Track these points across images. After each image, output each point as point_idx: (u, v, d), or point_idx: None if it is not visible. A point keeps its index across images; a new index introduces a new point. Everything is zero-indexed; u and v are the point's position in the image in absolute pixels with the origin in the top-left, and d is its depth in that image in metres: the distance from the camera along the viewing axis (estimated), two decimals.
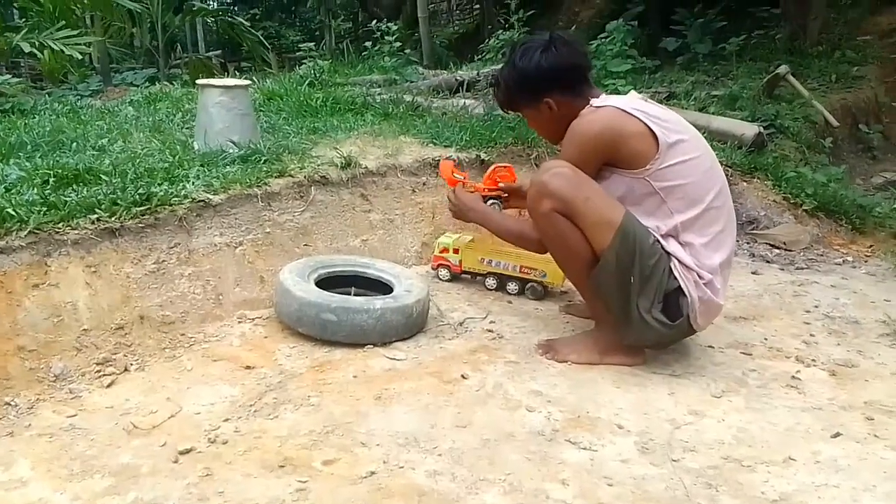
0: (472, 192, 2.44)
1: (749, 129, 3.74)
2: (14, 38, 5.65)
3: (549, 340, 2.16)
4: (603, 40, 4.96)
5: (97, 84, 6.74)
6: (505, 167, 2.56)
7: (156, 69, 8.16)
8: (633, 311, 1.92)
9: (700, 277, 1.94)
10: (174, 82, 5.59)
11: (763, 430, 1.76)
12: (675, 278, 1.92)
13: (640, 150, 1.91)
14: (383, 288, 2.33)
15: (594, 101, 2.01)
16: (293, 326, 2.13)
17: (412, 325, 2.18)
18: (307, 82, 4.47)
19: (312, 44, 6.43)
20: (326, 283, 2.27)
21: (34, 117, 3.59)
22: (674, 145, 1.92)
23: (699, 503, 1.47)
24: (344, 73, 5.10)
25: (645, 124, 1.92)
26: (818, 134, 4.30)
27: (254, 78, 4.76)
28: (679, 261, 1.92)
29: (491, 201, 2.43)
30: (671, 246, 1.93)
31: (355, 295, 2.27)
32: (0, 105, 4.04)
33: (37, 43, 5.59)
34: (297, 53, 6.72)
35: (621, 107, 1.95)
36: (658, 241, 1.92)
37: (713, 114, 4.03)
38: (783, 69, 4.46)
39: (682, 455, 1.64)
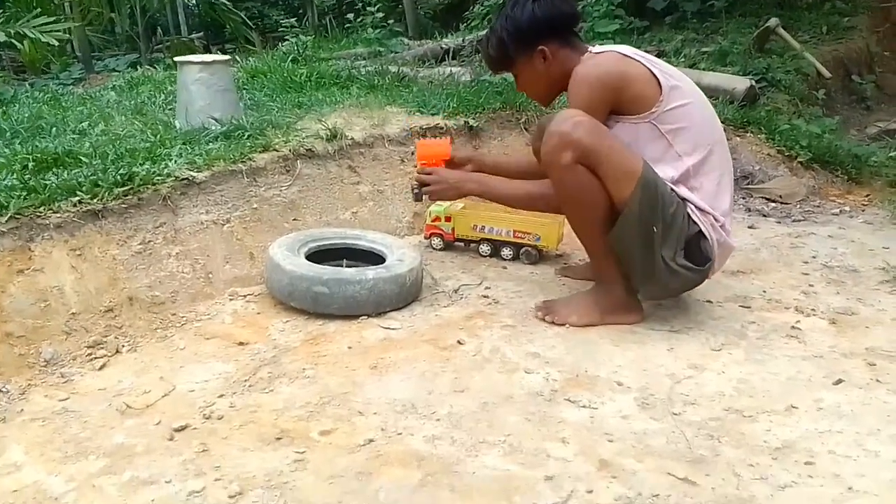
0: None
1: (740, 83, 3.68)
2: None
3: (547, 302, 2.12)
4: (590, 0, 4.86)
5: (79, 72, 6.63)
6: (433, 141, 2.41)
7: (138, 54, 8.03)
8: (658, 262, 1.89)
9: (716, 220, 1.95)
10: (157, 66, 5.50)
11: (764, 380, 1.74)
12: (695, 223, 1.92)
13: (645, 93, 1.91)
14: (375, 259, 2.30)
15: (592, 49, 2.02)
16: (285, 301, 2.10)
17: (406, 294, 2.15)
18: (291, 59, 4.41)
19: (295, 19, 6.31)
20: (317, 256, 2.23)
21: (14, 106, 3.52)
22: (674, 88, 1.93)
23: (701, 454, 1.45)
24: (328, 48, 5.02)
25: (647, 67, 1.92)
26: (811, 86, 4.25)
27: (237, 58, 4.67)
28: (695, 205, 1.92)
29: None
30: (683, 191, 1.92)
31: (347, 267, 2.23)
32: None
33: (13, 32, 5.49)
34: (280, 31, 6.60)
35: (621, 52, 1.96)
36: (673, 188, 1.90)
37: (703, 70, 3.97)
38: (773, 22, 4.39)
39: (682, 409, 1.62)
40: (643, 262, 1.92)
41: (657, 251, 1.88)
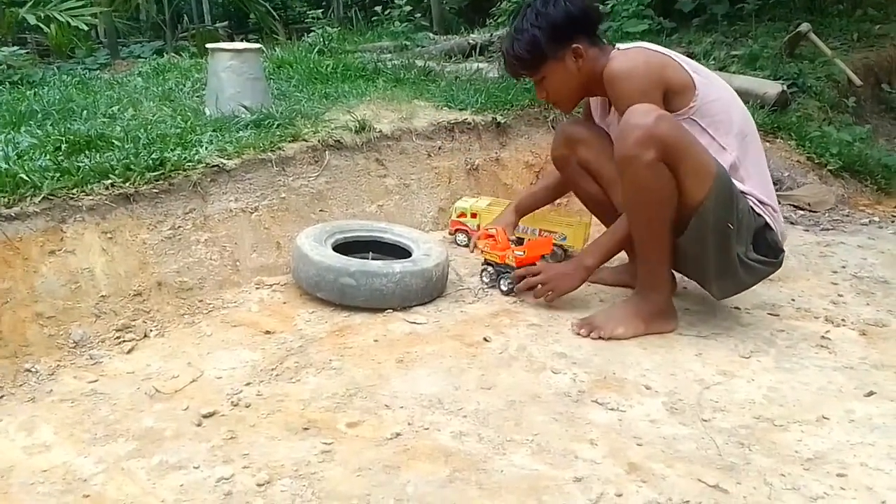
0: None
1: (772, 88, 3.64)
2: (20, 12, 5.59)
3: (585, 319, 2.01)
4: (619, 0, 4.83)
5: (104, 57, 6.69)
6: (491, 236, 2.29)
7: (163, 42, 8.10)
8: (734, 259, 1.87)
9: (774, 210, 1.95)
10: (182, 54, 5.53)
11: (794, 389, 1.72)
12: (759, 215, 1.91)
13: (684, 85, 1.89)
14: (401, 252, 2.29)
15: (619, 47, 1.99)
16: (311, 292, 2.10)
17: (432, 289, 2.15)
18: (316, 50, 4.41)
19: (320, 11, 6.31)
20: (344, 248, 2.23)
21: (43, 88, 3.55)
22: (705, 82, 1.92)
23: (732, 462, 1.43)
24: (353, 41, 5.01)
25: (677, 62, 1.91)
26: (841, 93, 4.19)
27: (262, 48, 4.68)
28: (755, 198, 1.91)
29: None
30: (742, 185, 1.90)
31: (373, 259, 2.23)
32: (9, 77, 4.00)
33: (42, 16, 5.53)
34: (306, 23, 6.61)
35: (649, 47, 1.95)
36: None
37: (734, 73, 3.92)
38: (805, 27, 4.33)
39: (712, 415, 1.60)
40: (718, 261, 1.89)
41: (733, 248, 1.86)
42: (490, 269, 2.28)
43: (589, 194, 2.28)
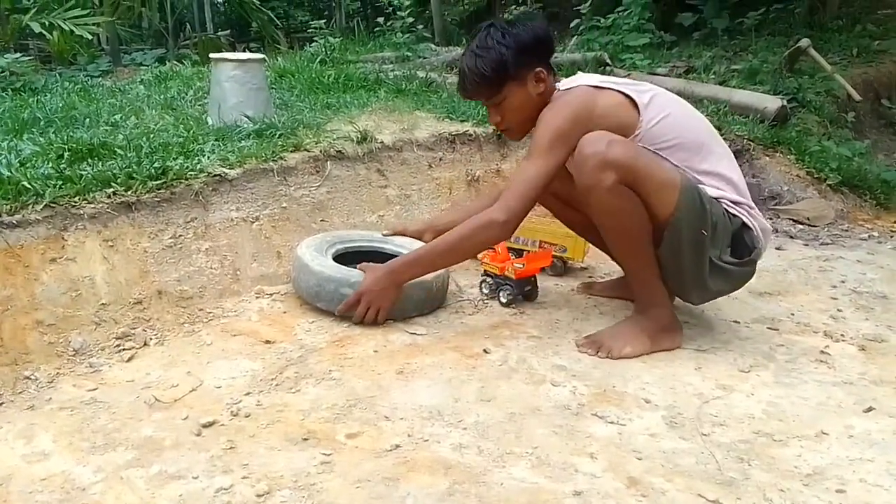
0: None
1: (772, 103, 3.66)
2: (24, 19, 5.61)
3: (590, 337, 1.99)
4: (620, 14, 4.86)
5: (106, 65, 6.70)
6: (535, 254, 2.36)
7: (165, 50, 8.11)
8: (706, 265, 1.88)
9: (750, 207, 1.94)
10: (184, 62, 5.55)
11: (794, 404, 1.72)
12: (735, 215, 1.91)
13: (623, 119, 1.89)
14: None
15: (559, 85, 2.00)
16: (311, 301, 2.10)
17: (432, 299, 2.15)
18: (318, 60, 4.43)
19: (323, 21, 6.35)
20: (344, 258, 2.23)
21: (46, 95, 3.56)
22: (650, 105, 1.91)
23: (731, 476, 1.43)
24: (355, 51, 5.04)
25: (618, 91, 1.92)
26: (840, 108, 4.21)
27: (265, 58, 4.70)
28: (728, 200, 1.90)
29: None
30: (710, 191, 1.89)
31: None
32: (11, 84, 4.01)
33: (46, 23, 5.55)
34: (308, 32, 6.64)
35: (590, 83, 1.94)
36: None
37: (734, 87, 3.95)
38: (804, 42, 4.36)
39: (711, 429, 1.60)
40: (694, 268, 1.89)
41: (706, 254, 1.86)
42: (489, 280, 2.29)
43: (572, 222, 2.32)
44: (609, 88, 1.93)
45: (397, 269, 2.03)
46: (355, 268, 2.12)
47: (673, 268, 1.92)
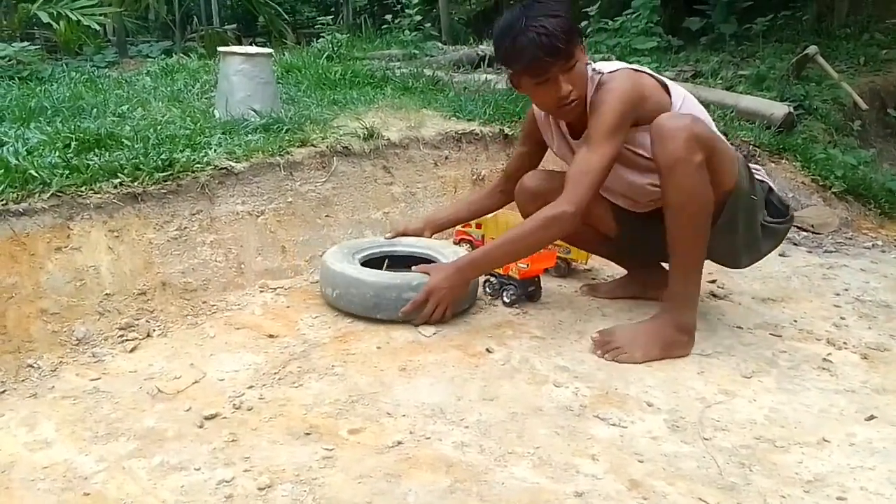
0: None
1: (779, 109, 3.65)
2: (31, 8, 5.62)
3: (605, 333, 1.96)
4: (628, 16, 4.86)
5: (113, 56, 6.71)
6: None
7: (171, 42, 8.12)
8: (759, 229, 1.99)
9: (765, 175, 2.07)
10: (190, 55, 5.55)
11: (796, 411, 1.72)
12: (762, 180, 2.02)
13: (662, 102, 1.94)
14: (425, 263, 2.21)
15: (596, 65, 1.98)
16: (368, 314, 2.03)
17: (473, 292, 2.19)
18: (325, 56, 4.44)
19: (330, 17, 6.35)
20: (371, 265, 2.19)
21: (52, 84, 3.56)
22: (677, 92, 1.99)
23: (732, 481, 1.43)
24: (362, 48, 5.05)
25: (654, 77, 1.98)
26: (847, 117, 4.21)
27: (273, 53, 4.70)
28: (750, 168, 2.00)
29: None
30: None
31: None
32: (18, 72, 4.02)
33: (54, 13, 5.55)
34: (315, 28, 6.65)
35: (632, 67, 1.98)
36: None
37: (741, 93, 3.94)
38: (812, 49, 4.35)
39: (713, 434, 1.60)
40: (748, 234, 1.99)
41: (758, 218, 1.97)
42: (493, 280, 2.29)
43: (583, 240, 2.34)
44: (643, 72, 1.97)
45: (465, 267, 2.03)
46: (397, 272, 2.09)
47: (728, 239, 1.98)
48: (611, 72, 1.94)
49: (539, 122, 2.18)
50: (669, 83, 1.99)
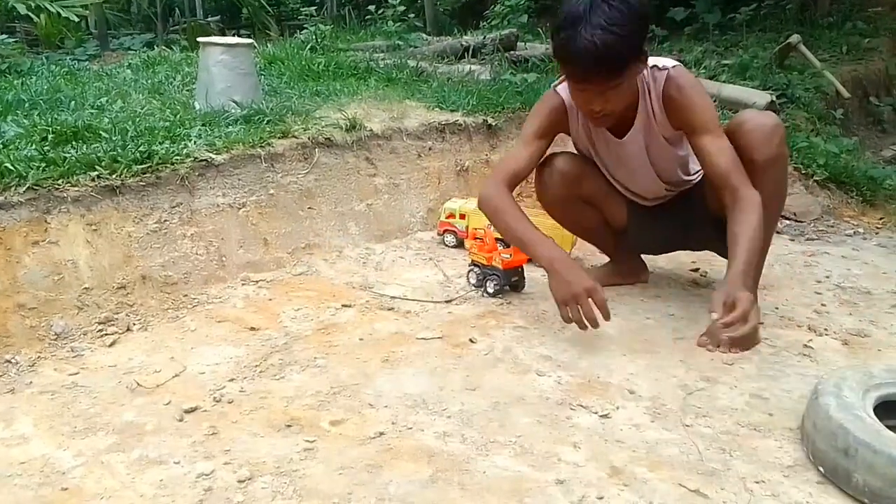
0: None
1: (761, 98, 3.66)
2: (9, 1, 5.53)
3: (710, 335, 1.91)
4: None
5: (94, 49, 6.62)
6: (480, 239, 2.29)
7: (153, 35, 8.03)
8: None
9: None
10: (172, 48, 5.49)
11: (776, 396, 1.73)
12: None
13: None
14: None
15: (651, 61, 1.92)
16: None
17: None
18: (308, 47, 4.40)
19: (314, 9, 6.29)
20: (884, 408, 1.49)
21: (31, 77, 3.51)
22: None
23: (713, 467, 1.44)
24: (346, 39, 5.01)
25: None
26: (829, 105, 4.23)
27: (254, 43, 4.66)
28: None
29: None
30: None
31: None
32: None
33: (33, 5, 5.47)
34: (299, 19, 6.60)
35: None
36: None
37: (724, 82, 3.95)
38: (795, 38, 4.37)
39: (695, 420, 1.61)
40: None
41: None
42: (476, 270, 2.28)
43: (587, 228, 2.32)
44: None
45: (750, 286, 1.85)
46: None
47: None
48: (665, 67, 1.91)
49: (569, 109, 2.05)
50: None
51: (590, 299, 1.85)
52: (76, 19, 5.55)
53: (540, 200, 2.23)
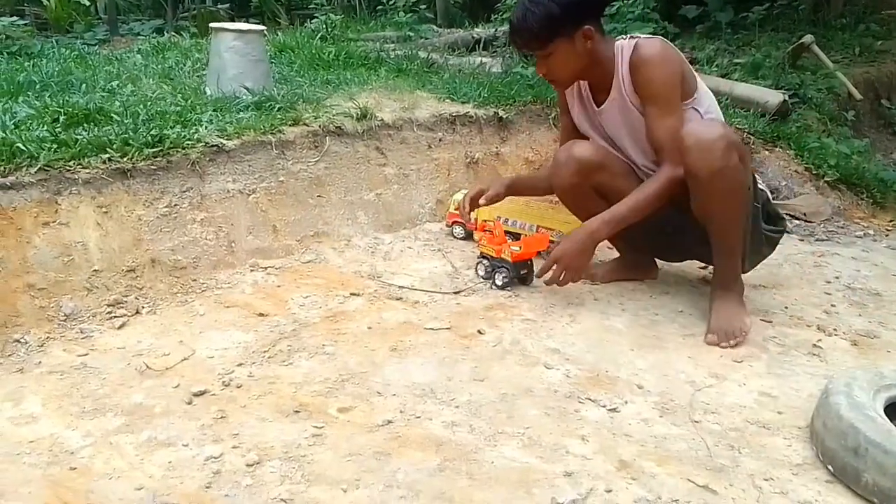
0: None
1: (773, 97, 3.64)
2: None
3: (713, 332, 1.98)
4: (625, 2, 4.82)
5: (103, 34, 6.60)
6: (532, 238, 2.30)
7: (163, 21, 8.00)
8: (761, 234, 2.04)
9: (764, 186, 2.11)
10: (182, 34, 5.47)
11: (785, 395, 1.73)
12: (763, 190, 2.07)
13: (691, 78, 2.00)
14: None
15: (632, 36, 2.00)
16: None
17: None
18: (319, 36, 4.38)
19: None
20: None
21: (42, 60, 3.50)
22: (697, 74, 2.05)
23: (722, 463, 1.44)
24: (356, 29, 4.99)
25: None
26: (841, 106, 4.20)
27: (265, 30, 4.65)
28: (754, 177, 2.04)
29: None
30: None
31: None
32: (7, 47, 3.95)
33: None
34: (309, 8, 6.57)
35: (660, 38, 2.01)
36: None
37: (736, 80, 3.93)
38: (808, 39, 4.33)
39: (703, 416, 1.61)
40: (752, 238, 2.03)
41: (760, 224, 2.04)
42: (486, 262, 2.28)
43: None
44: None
45: (597, 229, 2.01)
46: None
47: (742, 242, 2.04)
48: (646, 37, 1.99)
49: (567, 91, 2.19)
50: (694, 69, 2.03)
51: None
52: (87, 3, 5.55)
53: (553, 185, 2.22)
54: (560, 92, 2.19)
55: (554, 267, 2.04)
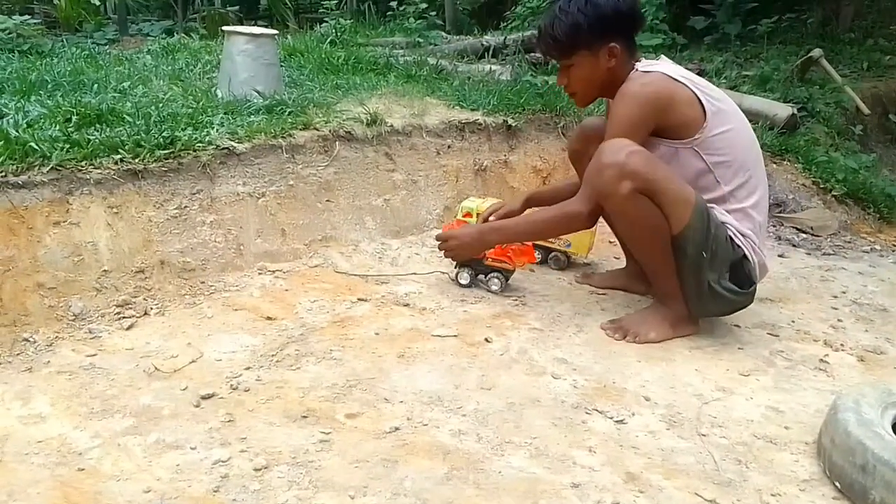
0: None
1: (782, 110, 3.65)
2: None
3: (616, 321, 2.07)
4: None
5: (113, 33, 6.63)
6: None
7: (172, 22, 8.04)
8: (704, 285, 1.93)
9: (754, 243, 1.97)
10: (191, 35, 5.49)
11: (793, 410, 1.72)
12: (739, 246, 1.94)
13: (689, 118, 1.91)
14: None
15: (639, 66, 1.96)
16: None
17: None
18: (328, 41, 4.39)
19: (334, 2, 6.29)
20: None
21: (53, 59, 3.52)
22: (717, 114, 1.93)
23: (729, 478, 1.43)
24: (365, 34, 5.00)
25: (692, 91, 1.91)
26: (849, 121, 4.20)
27: (277, 34, 4.66)
28: (736, 229, 1.94)
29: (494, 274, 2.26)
30: (724, 216, 1.94)
31: None
32: (18, 45, 3.96)
33: None
34: (318, 13, 6.59)
35: (669, 74, 1.93)
36: (714, 211, 1.93)
37: (745, 93, 3.93)
38: (817, 52, 4.34)
39: (710, 430, 1.61)
40: (694, 285, 1.95)
41: (705, 275, 1.91)
42: (468, 269, 2.28)
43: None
44: (685, 84, 1.92)
45: (486, 232, 2.15)
46: None
47: (675, 278, 1.98)
48: (644, 71, 1.94)
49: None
50: (714, 108, 1.92)
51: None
52: (97, 2, 5.57)
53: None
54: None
55: (446, 241, 2.20)
